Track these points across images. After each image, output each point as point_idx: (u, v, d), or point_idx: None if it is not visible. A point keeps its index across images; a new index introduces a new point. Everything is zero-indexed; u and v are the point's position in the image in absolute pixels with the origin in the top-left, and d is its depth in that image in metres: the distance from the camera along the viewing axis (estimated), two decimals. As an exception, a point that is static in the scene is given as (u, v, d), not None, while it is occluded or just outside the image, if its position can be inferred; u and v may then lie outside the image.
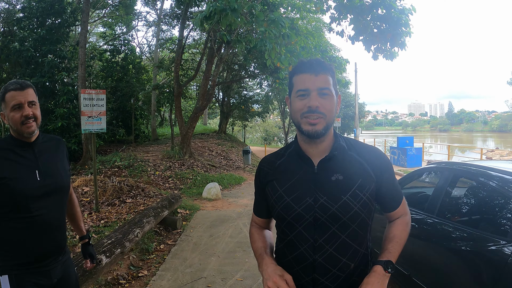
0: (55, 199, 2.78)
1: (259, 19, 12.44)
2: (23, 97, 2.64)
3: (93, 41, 39.68)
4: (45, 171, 2.74)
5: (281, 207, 2.13)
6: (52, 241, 2.76)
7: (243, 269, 6.83)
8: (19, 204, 2.58)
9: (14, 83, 2.66)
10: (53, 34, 20.81)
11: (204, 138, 31.84)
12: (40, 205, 2.65)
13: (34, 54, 20.23)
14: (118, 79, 29.11)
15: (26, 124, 2.63)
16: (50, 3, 20.63)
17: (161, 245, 8.40)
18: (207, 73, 20.72)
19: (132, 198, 11.56)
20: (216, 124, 58.69)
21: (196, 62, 29.49)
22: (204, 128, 43.57)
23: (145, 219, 7.80)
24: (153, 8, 34.22)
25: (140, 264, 7.24)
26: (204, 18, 11.67)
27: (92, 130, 9.90)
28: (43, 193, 2.68)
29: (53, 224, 2.75)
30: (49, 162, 2.81)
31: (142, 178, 15.19)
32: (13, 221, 2.58)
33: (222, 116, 39.33)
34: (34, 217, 2.62)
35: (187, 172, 17.55)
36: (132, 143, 27.25)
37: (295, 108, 2.08)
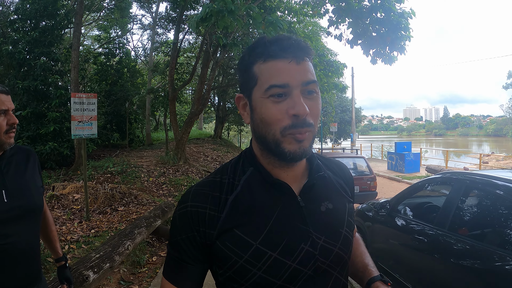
0: (27, 222, 2.41)
1: (257, 21, 12.21)
2: (10, 102, 2.30)
3: (88, 44, 39.53)
4: (14, 191, 2.36)
5: (265, 270, 1.38)
6: (25, 271, 2.40)
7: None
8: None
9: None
10: (47, 36, 20.56)
11: (200, 143, 31.71)
12: (9, 231, 2.28)
13: (26, 57, 19.95)
14: (113, 83, 29.00)
15: (10, 133, 2.30)
16: (43, 5, 20.38)
17: (154, 257, 8.06)
18: (202, 77, 20.48)
19: (124, 206, 11.25)
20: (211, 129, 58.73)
21: (192, 66, 29.31)
22: (199, 133, 43.52)
23: (136, 230, 7.42)
24: (148, 11, 34.12)
25: (131, 278, 6.90)
26: (200, 20, 11.46)
27: (83, 135, 9.60)
28: (12, 217, 2.30)
29: (26, 252, 2.39)
30: (18, 180, 2.43)
31: (135, 185, 14.88)
32: None
33: (217, 121, 39.26)
34: (3, 245, 2.24)
35: (181, 178, 17.21)
36: (126, 148, 27.00)
37: (267, 117, 1.37)
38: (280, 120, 1.35)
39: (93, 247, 7.46)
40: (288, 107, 1.33)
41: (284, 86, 1.33)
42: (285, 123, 1.34)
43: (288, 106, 1.33)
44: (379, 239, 6.66)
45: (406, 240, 5.73)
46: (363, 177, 13.08)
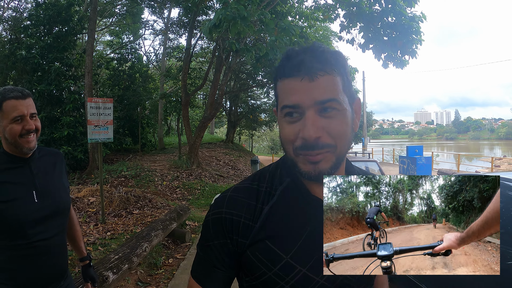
0: (56, 221, 2.52)
1: (269, 27, 12.29)
2: (25, 107, 2.35)
3: (100, 50, 39.77)
4: (44, 192, 2.47)
5: (293, 284, 1.37)
6: (53, 268, 2.51)
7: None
8: (16, 231, 2.31)
9: (14, 90, 2.38)
10: (60, 42, 20.78)
11: (212, 148, 31.77)
12: (39, 230, 2.39)
13: (41, 62, 20.18)
14: (125, 88, 29.15)
15: (26, 138, 2.35)
16: (57, 11, 20.61)
17: (170, 259, 8.14)
18: (215, 82, 20.58)
19: (139, 209, 11.35)
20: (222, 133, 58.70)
21: (204, 71, 29.41)
22: (211, 137, 43.60)
23: (153, 232, 7.55)
24: (160, 17, 34.23)
25: (148, 279, 6.99)
26: (213, 26, 11.55)
27: (99, 139, 9.69)
28: (42, 217, 2.41)
29: (54, 250, 2.50)
30: (47, 181, 2.54)
31: (149, 188, 14.99)
32: (12, 249, 2.32)
33: (229, 125, 39.32)
34: (34, 243, 2.36)
35: (195, 182, 17.34)
36: (139, 152, 27.13)
37: (283, 136, 1.36)
38: (292, 140, 1.31)
39: (109, 249, 7.56)
40: (300, 128, 1.28)
41: (295, 107, 1.28)
42: (297, 143, 1.30)
43: (300, 127, 1.28)
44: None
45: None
46: None
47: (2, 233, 2.31)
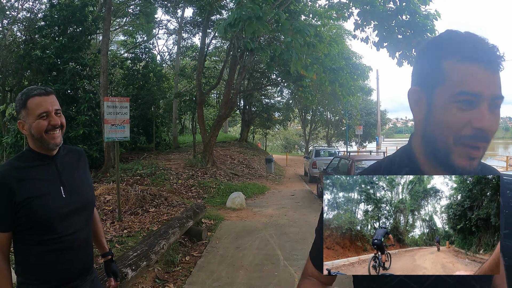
0: (82, 216, 2.57)
1: (285, 28, 12.30)
2: (50, 104, 2.40)
3: (114, 49, 39.98)
4: (70, 187, 2.51)
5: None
6: (80, 262, 2.55)
7: (272, 283, 6.59)
8: (45, 226, 2.34)
9: (37, 88, 2.42)
10: (75, 42, 20.98)
11: (226, 146, 31.83)
12: (67, 224, 2.43)
13: (56, 62, 20.38)
14: (139, 87, 29.31)
15: (51, 134, 2.39)
16: (71, 12, 20.80)
17: (187, 257, 8.19)
18: (229, 81, 20.62)
19: (155, 207, 11.41)
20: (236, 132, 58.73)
21: (218, 70, 29.47)
22: (225, 136, 43.62)
23: (170, 230, 7.59)
24: (173, 16, 34.33)
25: (165, 277, 7.03)
26: (228, 25, 11.58)
27: (115, 138, 9.75)
28: (70, 212, 2.45)
29: (81, 244, 2.54)
30: (73, 177, 2.58)
31: (165, 187, 15.07)
32: (42, 244, 2.35)
33: (243, 124, 39.34)
34: (63, 237, 2.40)
35: (210, 181, 17.42)
36: (153, 151, 27.25)
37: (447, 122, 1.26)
38: (460, 129, 1.23)
39: (126, 246, 7.60)
40: (472, 117, 1.22)
41: (476, 95, 1.21)
42: (463, 133, 1.23)
43: (472, 116, 1.22)
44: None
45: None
46: None
47: (31, 229, 2.34)
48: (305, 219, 11.94)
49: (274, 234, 9.97)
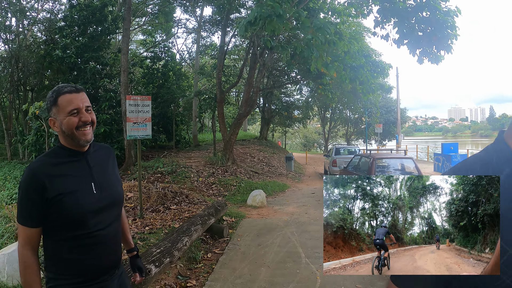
0: (112, 212, 2.60)
1: (305, 25, 12.30)
2: (80, 100, 2.43)
3: (133, 49, 40.24)
4: (101, 183, 2.55)
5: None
6: (110, 256, 2.58)
7: (295, 281, 6.59)
8: (77, 221, 2.38)
9: (68, 86, 2.45)
10: (95, 41, 21.23)
11: (245, 144, 31.87)
12: (98, 220, 2.46)
13: (76, 61, 20.57)
14: (159, 86, 29.53)
15: (82, 130, 2.42)
16: (91, 12, 21.05)
17: (208, 254, 8.23)
18: (250, 79, 20.64)
19: (176, 205, 11.47)
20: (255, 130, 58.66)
21: (237, 68, 29.50)
22: (245, 134, 43.66)
23: (192, 227, 7.63)
24: (192, 15, 34.40)
25: (187, 273, 7.07)
26: (248, 23, 11.58)
27: (137, 136, 9.81)
28: (101, 207, 2.49)
29: (111, 240, 2.58)
30: (103, 173, 2.62)
31: (186, 185, 15.14)
32: (72, 239, 2.39)
33: (263, 122, 39.35)
34: (94, 233, 2.43)
35: (230, 178, 17.48)
36: (173, 149, 27.42)
37: None
38: None
39: (148, 243, 7.65)
40: None
41: None
42: None
43: None
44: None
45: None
46: None
47: (62, 224, 2.37)
48: (326, 217, 11.91)
49: (295, 232, 9.96)
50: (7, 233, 7.99)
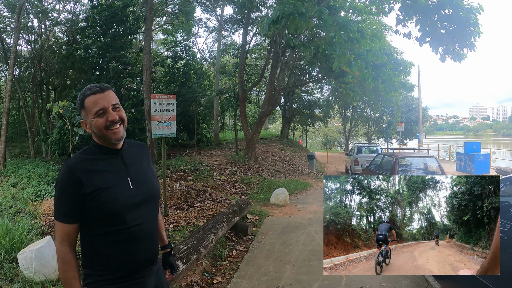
0: (149, 207, 2.63)
1: (328, 23, 12.27)
2: (106, 100, 2.47)
3: (154, 48, 40.50)
4: (137, 179, 2.58)
5: None
6: (148, 252, 2.61)
7: (320, 279, 6.60)
8: (115, 216, 2.41)
9: (92, 87, 2.50)
10: (117, 41, 21.37)
11: (267, 143, 31.92)
12: (136, 215, 2.49)
13: (98, 61, 20.76)
14: (181, 85, 29.70)
15: (112, 130, 2.47)
16: (113, 12, 21.25)
17: (233, 251, 8.28)
18: (272, 78, 20.65)
19: (200, 203, 11.55)
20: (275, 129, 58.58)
21: (258, 67, 29.52)
22: (266, 133, 43.68)
23: (218, 224, 7.70)
24: (213, 15, 34.51)
25: (213, 270, 7.14)
26: (271, 22, 11.61)
27: (162, 134, 9.90)
28: (137, 203, 2.52)
29: (149, 234, 2.61)
30: (139, 169, 2.66)
31: (209, 183, 15.23)
32: (110, 234, 2.42)
33: (284, 121, 39.31)
34: (131, 228, 2.46)
35: (253, 177, 17.56)
36: (195, 147, 27.54)
37: None
38: None
39: (173, 240, 7.70)
40: None
41: None
42: None
43: None
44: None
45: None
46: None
47: (99, 220, 2.40)
48: (349, 215, 11.90)
49: (319, 230, 9.97)
50: (34, 230, 8.13)
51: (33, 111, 28.77)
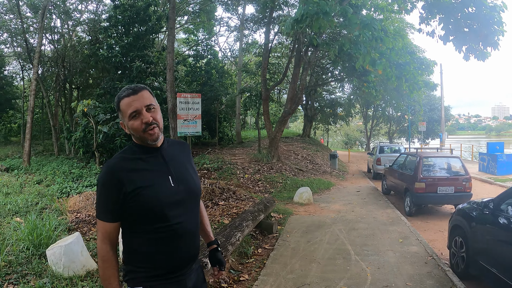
0: (190, 205, 2.64)
1: (352, 22, 12.27)
2: (139, 102, 2.47)
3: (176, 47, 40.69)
4: (178, 177, 2.60)
5: None
6: (189, 249, 2.62)
7: (346, 277, 6.65)
8: (157, 214, 2.44)
9: (126, 89, 2.52)
10: (139, 41, 21.51)
11: (289, 142, 31.90)
12: (177, 213, 2.51)
13: (122, 60, 20.93)
14: (203, 84, 29.81)
15: (148, 131, 2.48)
16: (135, 12, 21.42)
17: (259, 249, 8.35)
18: (295, 77, 20.66)
19: (224, 201, 11.63)
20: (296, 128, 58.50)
21: (281, 66, 29.54)
22: (287, 132, 43.65)
23: (244, 222, 7.76)
24: (234, 14, 34.58)
25: (239, 268, 7.21)
26: (294, 21, 11.63)
27: (188, 133, 10.03)
28: (179, 200, 2.54)
29: (190, 232, 2.62)
30: (179, 167, 2.68)
31: (232, 181, 15.29)
32: (151, 232, 2.45)
33: (306, 120, 39.28)
34: (173, 225, 2.48)
35: (276, 175, 17.60)
36: (216, 146, 27.62)
37: None
38: None
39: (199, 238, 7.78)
40: None
41: None
42: None
43: None
44: (482, 238, 6.59)
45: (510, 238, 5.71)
46: (458, 178, 12.66)
47: (141, 217, 2.43)
48: (373, 215, 11.91)
49: (343, 229, 10.00)
50: (60, 226, 8.26)
51: (55, 109, 29.14)
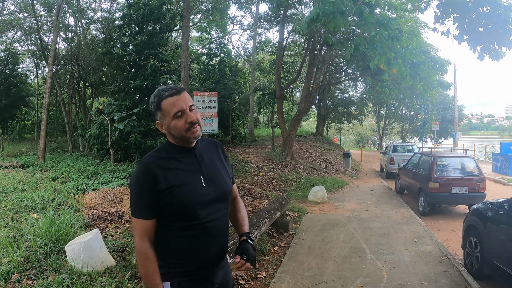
0: (220, 205, 2.69)
1: (368, 22, 12.26)
2: (183, 101, 2.52)
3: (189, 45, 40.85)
4: (210, 176, 2.65)
5: None
6: (218, 248, 2.68)
7: (362, 275, 6.70)
8: (189, 212, 2.50)
9: (168, 89, 2.54)
10: (153, 39, 21.63)
11: (302, 140, 31.91)
12: (208, 211, 2.57)
13: (136, 58, 21.04)
14: (216, 82, 29.90)
15: (191, 130, 2.52)
16: (149, 10, 21.53)
17: (275, 247, 8.42)
18: (309, 76, 20.68)
19: (239, 199, 11.67)
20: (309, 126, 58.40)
21: (294, 65, 29.54)
22: (300, 130, 43.54)
23: (261, 220, 7.84)
24: (248, 12, 34.62)
25: (256, 265, 7.26)
26: (310, 20, 11.64)
27: (204, 131, 10.06)
28: (211, 199, 2.59)
29: (221, 231, 2.68)
30: (212, 167, 2.72)
31: (247, 179, 15.35)
32: (183, 229, 2.51)
33: (319, 118, 39.24)
34: (204, 223, 2.54)
35: (290, 174, 17.65)
36: (229, 144, 27.68)
37: None
38: None
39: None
40: None
41: None
42: None
43: None
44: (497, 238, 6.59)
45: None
46: (472, 178, 12.62)
47: (172, 215, 2.50)
48: (387, 214, 11.95)
49: (358, 228, 10.05)
50: (78, 222, 8.36)
51: (69, 107, 29.36)
